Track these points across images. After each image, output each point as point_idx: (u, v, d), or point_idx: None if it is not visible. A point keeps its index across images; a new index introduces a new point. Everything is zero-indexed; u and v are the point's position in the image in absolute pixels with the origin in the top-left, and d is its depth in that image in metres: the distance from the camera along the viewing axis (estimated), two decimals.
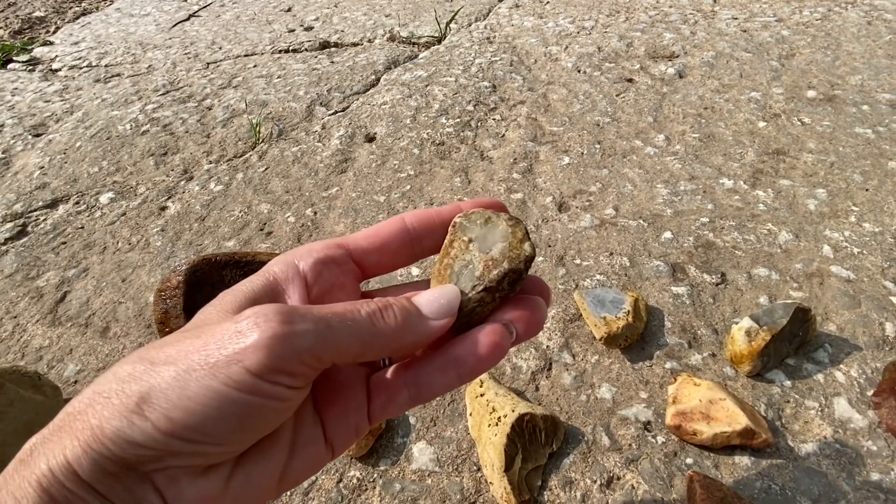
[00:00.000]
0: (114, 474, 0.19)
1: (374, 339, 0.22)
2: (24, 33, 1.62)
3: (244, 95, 1.05)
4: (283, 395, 0.20)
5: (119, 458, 0.19)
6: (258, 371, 0.19)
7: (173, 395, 0.19)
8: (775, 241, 0.64)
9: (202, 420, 0.19)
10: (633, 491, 0.42)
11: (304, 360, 0.20)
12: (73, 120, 1.03)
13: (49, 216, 0.79)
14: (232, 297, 0.24)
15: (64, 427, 0.20)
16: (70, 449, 0.19)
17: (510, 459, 0.42)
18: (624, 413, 0.48)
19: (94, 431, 0.19)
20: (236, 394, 0.19)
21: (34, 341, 0.60)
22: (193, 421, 0.19)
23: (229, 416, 0.19)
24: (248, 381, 0.19)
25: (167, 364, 0.20)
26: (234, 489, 0.22)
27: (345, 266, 0.26)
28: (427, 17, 1.36)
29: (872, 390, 0.48)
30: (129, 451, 0.19)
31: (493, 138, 0.87)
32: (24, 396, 0.48)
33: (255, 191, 0.79)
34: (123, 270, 0.68)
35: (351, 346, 0.21)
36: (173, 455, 0.20)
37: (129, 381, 0.20)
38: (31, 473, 0.19)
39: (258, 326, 0.20)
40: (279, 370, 0.20)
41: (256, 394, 0.19)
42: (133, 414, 0.19)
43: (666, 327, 0.55)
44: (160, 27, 1.49)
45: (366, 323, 0.22)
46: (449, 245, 0.25)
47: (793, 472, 0.43)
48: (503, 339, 0.24)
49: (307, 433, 0.24)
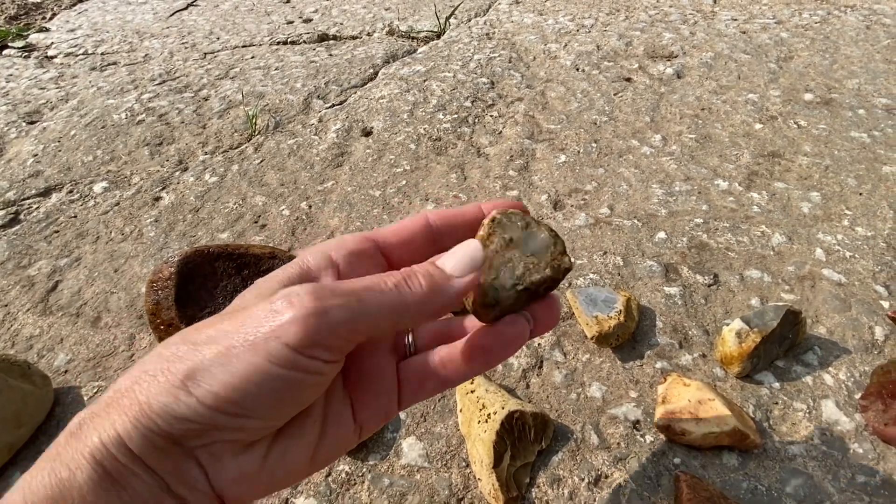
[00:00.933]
0: (161, 449, 0.20)
1: (404, 308, 0.22)
2: (20, 19, 1.60)
3: (241, 87, 1.04)
4: (319, 368, 0.21)
5: (166, 433, 0.20)
6: (296, 346, 0.20)
7: (217, 371, 0.20)
8: (768, 244, 0.64)
9: (244, 395, 0.20)
10: (621, 489, 0.43)
11: (338, 333, 0.21)
12: (68, 108, 1.02)
13: (42, 204, 0.78)
14: (267, 284, 0.25)
15: (112, 403, 0.21)
16: (120, 423, 0.20)
17: (499, 456, 0.42)
18: (613, 412, 0.48)
19: (141, 407, 0.20)
20: (276, 369, 0.20)
21: (25, 330, 0.60)
22: (236, 396, 0.20)
23: (269, 390, 0.20)
24: (287, 356, 0.20)
25: (209, 344, 0.21)
26: (269, 466, 0.23)
27: (374, 259, 0.27)
28: (427, 12, 1.36)
29: (860, 393, 0.48)
30: (176, 425, 0.20)
31: (491, 135, 0.87)
32: (13, 385, 0.48)
33: (250, 183, 0.79)
34: (116, 261, 0.67)
35: (382, 317, 0.22)
36: (217, 430, 0.21)
37: (174, 360, 0.21)
38: (84, 446, 0.20)
39: (292, 305, 0.21)
40: (315, 344, 0.21)
41: (295, 368, 0.20)
42: (179, 390, 0.20)
43: (657, 327, 0.55)
44: (158, 16, 1.48)
45: (394, 293, 0.22)
46: (486, 238, 0.25)
47: (779, 472, 0.43)
48: (524, 330, 0.26)
49: (338, 414, 0.25)
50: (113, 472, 0.20)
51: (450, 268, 0.24)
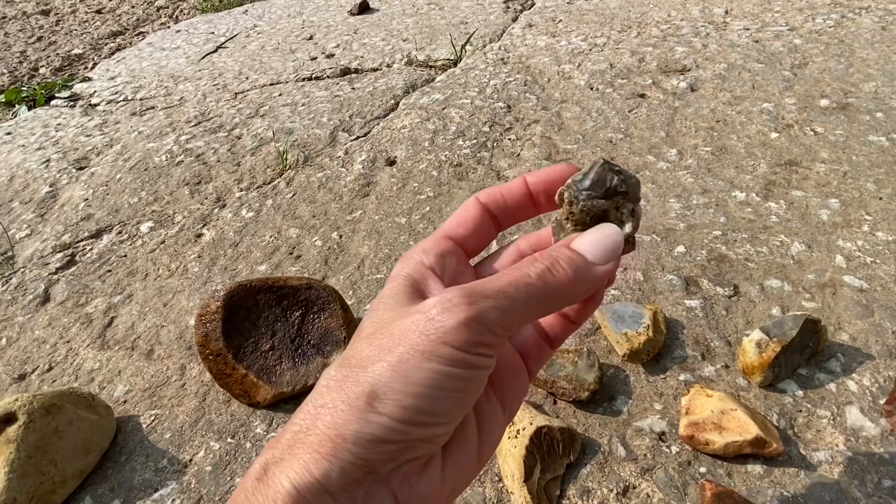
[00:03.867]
0: (357, 480, 0.21)
1: (549, 298, 0.23)
2: (64, 70, 1.72)
3: (271, 124, 1.10)
4: (485, 364, 0.22)
5: (364, 461, 0.21)
6: (464, 347, 0.21)
7: (398, 385, 0.21)
8: (788, 253, 0.65)
9: (430, 401, 0.21)
10: (649, 499, 0.44)
11: (496, 331, 0.22)
12: (113, 153, 1.09)
13: (94, 245, 0.84)
14: (393, 301, 0.25)
15: (296, 444, 0.21)
16: (314, 463, 0.20)
17: (529, 470, 0.45)
18: (639, 424, 0.50)
19: (333, 441, 0.20)
20: (453, 370, 0.21)
21: (86, 364, 0.65)
22: (423, 404, 0.21)
23: (450, 391, 0.21)
24: (458, 357, 0.21)
25: (375, 363, 0.22)
26: (448, 476, 0.24)
27: (456, 253, 0.28)
28: (443, 41, 1.41)
29: (884, 398, 0.49)
30: (373, 449, 0.20)
31: (509, 158, 0.90)
32: (81, 416, 0.52)
33: (284, 216, 0.84)
34: (164, 295, 0.72)
35: (531, 309, 0.23)
36: (410, 447, 0.21)
37: (345, 386, 0.21)
38: (276, 493, 0.20)
39: (449, 311, 0.22)
40: (479, 343, 0.22)
41: (466, 367, 0.22)
42: (367, 413, 0.21)
43: (680, 340, 0.57)
44: (190, 59, 1.56)
45: (539, 284, 0.23)
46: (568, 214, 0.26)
47: (805, 479, 0.44)
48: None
49: (488, 407, 0.27)
50: None
51: (591, 255, 0.24)
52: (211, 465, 0.52)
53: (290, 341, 0.57)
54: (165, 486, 0.51)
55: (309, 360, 0.57)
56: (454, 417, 0.22)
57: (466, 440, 0.25)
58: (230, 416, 0.56)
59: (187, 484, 0.51)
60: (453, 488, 0.24)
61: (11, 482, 0.47)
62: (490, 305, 0.22)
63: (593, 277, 0.24)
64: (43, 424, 0.49)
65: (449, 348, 0.21)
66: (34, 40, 1.97)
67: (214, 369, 0.56)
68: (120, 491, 0.51)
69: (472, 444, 0.25)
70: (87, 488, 0.51)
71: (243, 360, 0.56)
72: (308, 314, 0.58)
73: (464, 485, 0.25)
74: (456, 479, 0.24)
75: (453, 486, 0.24)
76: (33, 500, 0.48)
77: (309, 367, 0.56)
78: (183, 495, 0.50)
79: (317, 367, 0.56)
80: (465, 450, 0.25)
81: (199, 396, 0.58)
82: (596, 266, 0.24)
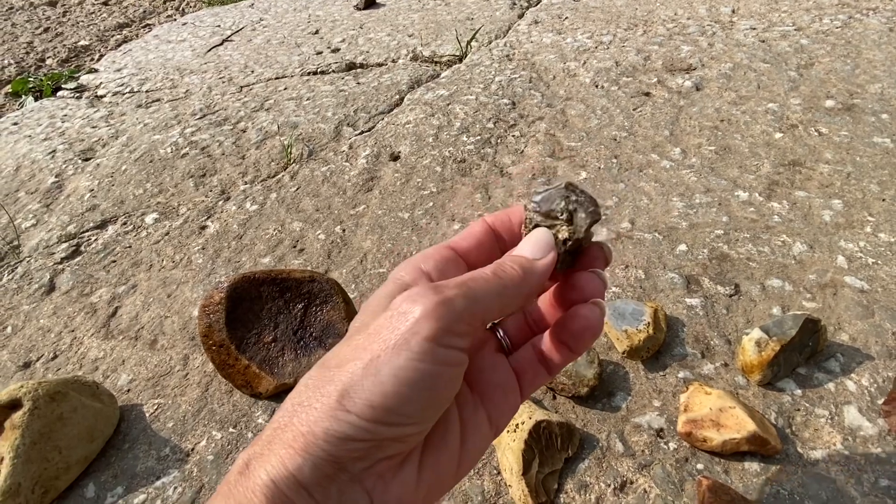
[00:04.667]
0: (329, 476, 0.22)
1: (506, 291, 0.25)
2: (70, 61, 1.72)
3: (276, 118, 1.10)
4: (456, 359, 0.23)
5: (334, 458, 0.21)
6: (433, 337, 0.22)
7: (367, 384, 0.22)
8: (789, 253, 0.65)
9: (398, 400, 0.21)
10: (646, 495, 0.45)
11: (463, 319, 0.23)
12: (119, 144, 1.10)
13: (100, 236, 0.85)
14: (376, 302, 0.27)
15: (274, 440, 0.22)
16: (288, 458, 0.21)
17: (528, 464, 0.45)
18: (637, 420, 0.50)
19: (306, 437, 0.21)
20: (421, 365, 0.22)
21: (90, 353, 0.65)
22: (391, 402, 0.21)
23: (420, 389, 0.22)
24: (427, 350, 0.22)
25: (350, 362, 0.23)
26: (424, 481, 0.24)
27: (456, 262, 0.29)
28: (448, 36, 1.41)
29: (883, 399, 0.49)
30: (342, 447, 0.21)
31: (513, 154, 0.90)
32: (86, 404, 0.53)
33: (288, 210, 0.84)
34: (168, 287, 0.73)
35: (491, 301, 0.25)
36: (379, 446, 0.22)
37: (321, 385, 0.23)
38: (255, 485, 0.21)
39: (416, 303, 0.23)
40: (448, 331, 0.22)
41: (436, 362, 0.22)
42: (337, 411, 0.21)
43: (680, 338, 0.57)
44: (196, 52, 1.57)
45: (494, 279, 0.25)
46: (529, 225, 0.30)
47: (801, 477, 0.44)
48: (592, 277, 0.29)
49: (473, 418, 0.28)
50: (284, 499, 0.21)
51: (530, 253, 0.27)
52: (213, 455, 0.52)
53: (292, 333, 0.58)
54: (167, 474, 0.51)
55: (311, 352, 0.57)
56: (426, 418, 0.23)
57: (447, 446, 0.26)
58: (232, 406, 0.56)
59: (189, 472, 0.51)
60: (429, 493, 0.25)
61: (16, 467, 0.47)
62: (455, 294, 0.23)
63: (538, 269, 0.27)
64: (48, 411, 0.50)
65: (419, 340, 0.22)
66: (41, 31, 1.98)
67: (217, 360, 0.56)
68: (123, 478, 0.52)
69: (454, 452, 0.26)
70: (91, 475, 0.52)
71: (246, 351, 0.56)
72: (311, 307, 0.59)
73: (441, 492, 0.26)
74: (433, 483, 0.25)
75: (429, 490, 0.25)
76: (37, 485, 0.48)
77: (311, 359, 0.57)
78: (185, 483, 0.50)
79: (319, 359, 0.57)
80: (445, 456, 0.25)
81: (202, 386, 0.59)
82: (536, 261, 0.27)
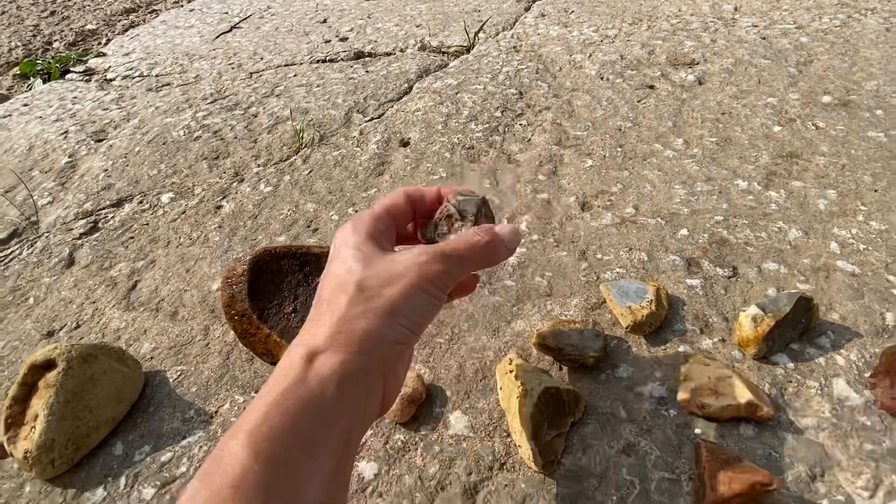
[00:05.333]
0: (376, 370, 0.33)
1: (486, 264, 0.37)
2: (77, 45, 1.73)
3: (287, 103, 1.13)
4: (444, 298, 0.36)
5: (379, 356, 0.33)
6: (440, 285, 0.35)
7: (406, 307, 0.33)
8: (785, 238, 0.68)
9: (423, 318, 0.34)
10: (647, 456, 0.48)
11: (455, 276, 0.36)
12: (131, 126, 1.12)
13: (116, 214, 0.87)
14: (362, 250, 0.35)
15: (335, 340, 0.32)
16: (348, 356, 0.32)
17: (536, 426, 0.48)
18: (640, 390, 0.53)
19: (360, 338, 0.32)
20: (433, 300, 0.34)
21: (112, 323, 0.68)
22: (421, 320, 0.34)
23: (430, 314, 0.35)
24: (436, 291, 0.34)
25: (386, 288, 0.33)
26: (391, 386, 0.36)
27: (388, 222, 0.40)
28: (456, 27, 1.43)
29: (870, 372, 0.52)
30: (394, 347, 0.33)
31: (520, 142, 0.93)
32: (114, 367, 0.55)
33: (301, 191, 0.87)
34: (187, 262, 0.75)
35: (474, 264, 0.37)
36: (406, 348, 0.35)
37: (373, 303, 0.33)
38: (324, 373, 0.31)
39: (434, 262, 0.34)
40: (448, 282, 0.35)
41: (438, 299, 0.35)
42: (392, 322, 0.33)
43: (681, 315, 0.60)
44: (204, 38, 1.58)
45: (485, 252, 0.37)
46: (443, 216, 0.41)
47: (792, 442, 0.48)
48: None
49: None
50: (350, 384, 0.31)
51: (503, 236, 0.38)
52: (236, 417, 0.55)
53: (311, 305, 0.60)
54: (193, 434, 0.54)
55: None
56: (423, 333, 0.36)
57: (405, 361, 0.39)
58: (253, 372, 0.59)
59: (214, 433, 0.54)
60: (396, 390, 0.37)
61: (50, 424, 0.50)
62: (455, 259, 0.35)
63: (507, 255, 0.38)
64: (80, 372, 0.53)
65: (432, 285, 0.34)
66: (47, 14, 1.98)
67: (239, 329, 0.59)
68: (149, 438, 0.54)
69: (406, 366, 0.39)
70: (119, 434, 0.55)
71: (267, 321, 0.59)
72: None
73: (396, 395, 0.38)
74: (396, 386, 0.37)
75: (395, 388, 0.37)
76: (70, 441, 0.51)
77: None
78: (210, 443, 0.53)
79: None
80: (403, 368, 0.38)
81: (223, 355, 0.62)
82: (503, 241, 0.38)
